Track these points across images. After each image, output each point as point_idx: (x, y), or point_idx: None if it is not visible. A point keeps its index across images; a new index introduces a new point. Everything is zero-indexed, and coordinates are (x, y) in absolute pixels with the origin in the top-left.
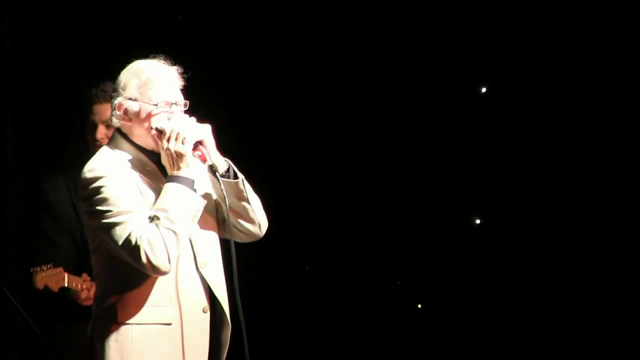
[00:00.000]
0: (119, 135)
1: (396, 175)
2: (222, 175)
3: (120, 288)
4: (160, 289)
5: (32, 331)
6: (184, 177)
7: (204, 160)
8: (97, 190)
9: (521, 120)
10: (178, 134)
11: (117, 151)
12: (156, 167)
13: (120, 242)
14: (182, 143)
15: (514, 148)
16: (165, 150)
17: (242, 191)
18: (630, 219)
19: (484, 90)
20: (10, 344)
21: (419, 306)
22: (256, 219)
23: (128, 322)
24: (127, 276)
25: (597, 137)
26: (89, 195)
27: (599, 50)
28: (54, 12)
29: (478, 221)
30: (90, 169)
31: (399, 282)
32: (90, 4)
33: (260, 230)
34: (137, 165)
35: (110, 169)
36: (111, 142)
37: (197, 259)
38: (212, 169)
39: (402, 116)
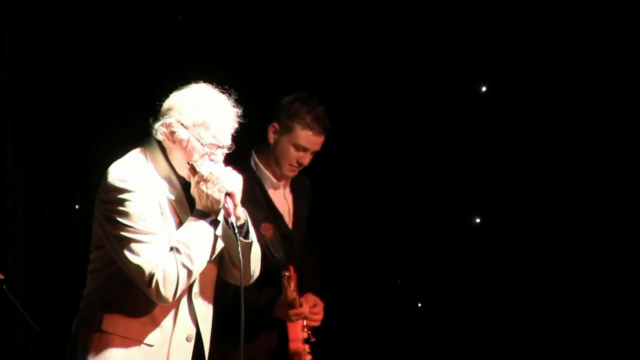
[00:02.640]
0: (158, 147)
1: (396, 175)
2: (236, 228)
3: (113, 296)
4: (151, 309)
5: (32, 331)
6: (213, 218)
7: (229, 215)
8: (123, 201)
9: (521, 119)
10: (216, 180)
11: (149, 162)
12: (182, 192)
13: (134, 261)
14: (219, 191)
15: (514, 148)
16: (198, 191)
17: (249, 252)
18: (630, 218)
19: (483, 89)
20: (10, 344)
21: (419, 305)
22: (250, 274)
23: (111, 331)
24: (122, 286)
25: (597, 136)
26: (113, 201)
27: (599, 50)
28: (53, 11)
29: (478, 220)
30: (122, 178)
31: (399, 282)
32: (90, 3)
33: (250, 281)
34: (166, 184)
35: (139, 184)
36: (147, 149)
37: (192, 288)
38: (232, 225)
39: (402, 116)
